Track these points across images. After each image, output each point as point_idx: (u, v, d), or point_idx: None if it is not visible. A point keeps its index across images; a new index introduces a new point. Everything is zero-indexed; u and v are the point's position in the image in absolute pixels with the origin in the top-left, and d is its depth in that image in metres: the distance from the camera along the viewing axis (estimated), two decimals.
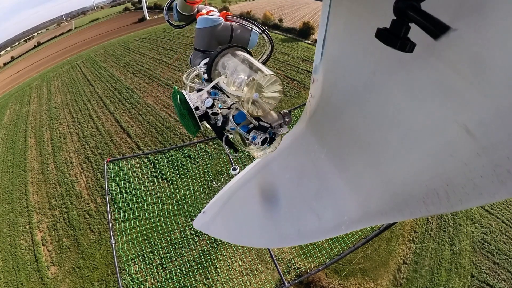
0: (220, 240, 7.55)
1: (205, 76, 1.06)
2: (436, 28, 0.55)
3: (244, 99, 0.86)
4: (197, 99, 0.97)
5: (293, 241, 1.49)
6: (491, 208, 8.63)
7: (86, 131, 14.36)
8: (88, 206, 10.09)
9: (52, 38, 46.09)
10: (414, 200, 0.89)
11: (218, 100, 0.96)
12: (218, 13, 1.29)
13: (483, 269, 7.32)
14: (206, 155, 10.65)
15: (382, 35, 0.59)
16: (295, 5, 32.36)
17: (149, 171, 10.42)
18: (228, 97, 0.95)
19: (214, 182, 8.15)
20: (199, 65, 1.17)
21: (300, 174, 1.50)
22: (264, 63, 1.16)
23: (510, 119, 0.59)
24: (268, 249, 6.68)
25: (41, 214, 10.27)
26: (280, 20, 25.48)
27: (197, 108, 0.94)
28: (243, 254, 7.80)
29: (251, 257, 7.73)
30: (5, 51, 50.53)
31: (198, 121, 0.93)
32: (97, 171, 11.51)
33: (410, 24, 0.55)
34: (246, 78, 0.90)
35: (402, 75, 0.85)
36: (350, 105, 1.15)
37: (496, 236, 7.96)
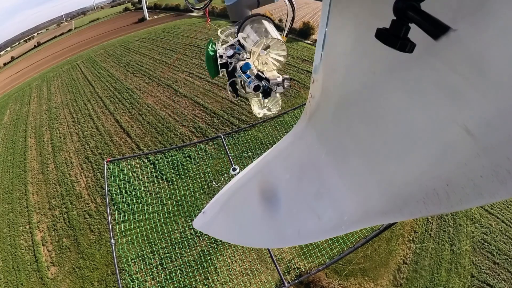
0: (220, 240, 7.54)
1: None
2: (436, 28, 0.55)
3: (252, 51, 1.09)
4: (224, 51, 1.20)
5: (293, 241, 1.49)
6: (491, 208, 8.63)
7: (86, 131, 14.36)
8: (88, 206, 10.09)
9: (52, 38, 46.05)
10: (414, 200, 0.89)
11: (238, 54, 1.20)
12: None
13: (483, 269, 7.32)
14: (206, 155, 10.65)
15: (382, 35, 0.59)
16: (295, 5, 32.32)
17: (149, 171, 10.42)
18: (246, 53, 1.18)
19: (214, 182, 8.15)
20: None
21: (300, 174, 1.50)
22: (289, 28, 1.35)
23: (510, 119, 0.59)
24: (268, 249, 6.67)
25: (41, 214, 10.26)
26: (280, 20, 25.45)
27: (221, 56, 1.18)
28: (243, 254, 7.79)
29: (251, 257, 7.72)
30: (5, 51, 50.47)
31: (219, 67, 1.17)
32: (97, 171, 11.50)
33: (410, 24, 0.55)
34: (259, 38, 1.11)
35: (402, 75, 0.85)
36: (350, 105, 1.15)
37: (496, 236, 7.96)
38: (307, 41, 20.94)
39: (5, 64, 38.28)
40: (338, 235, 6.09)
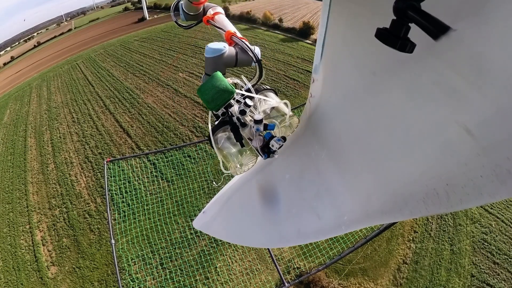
0: (220, 240, 7.54)
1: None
2: (436, 28, 0.55)
3: (284, 118, 1.20)
4: (240, 97, 1.20)
5: (293, 241, 1.50)
6: (491, 208, 8.63)
7: (86, 131, 14.36)
8: (88, 206, 10.09)
9: (52, 38, 46.03)
10: (414, 200, 0.89)
11: (251, 107, 1.22)
12: (225, 16, 1.37)
13: (483, 269, 7.32)
14: (206, 155, 10.65)
15: (382, 35, 0.59)
16: (295, 5, 32.33)
17: (149, 171, 10.42)
18: (257, 110, 1.23)
19: (214, 182, 8.14)
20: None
21: (300, 174, 1.50)
22: (254, 85, 1.32)
23: (510, 119, 0.59)
24: (268, 249, 6.68)
25: (41, 214, 10.26)
26: (280, 20, 25.45)
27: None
28: (243, 254, 7.79)
29: (251, 257, 7.72)
30: (5, 51, 50.43)
31: (224, 104, 1.16)
32: (97, 171, 11.50)
33: (410, 24, 0.55)
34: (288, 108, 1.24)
35: (402, 75, 0.85)
36: (350, 105, 1.15)
37: (496, 236, 7.96)
38: (307, 41, 20.93)
39: (5, 64, 38.27)
40: (338, 235, 6.10)
